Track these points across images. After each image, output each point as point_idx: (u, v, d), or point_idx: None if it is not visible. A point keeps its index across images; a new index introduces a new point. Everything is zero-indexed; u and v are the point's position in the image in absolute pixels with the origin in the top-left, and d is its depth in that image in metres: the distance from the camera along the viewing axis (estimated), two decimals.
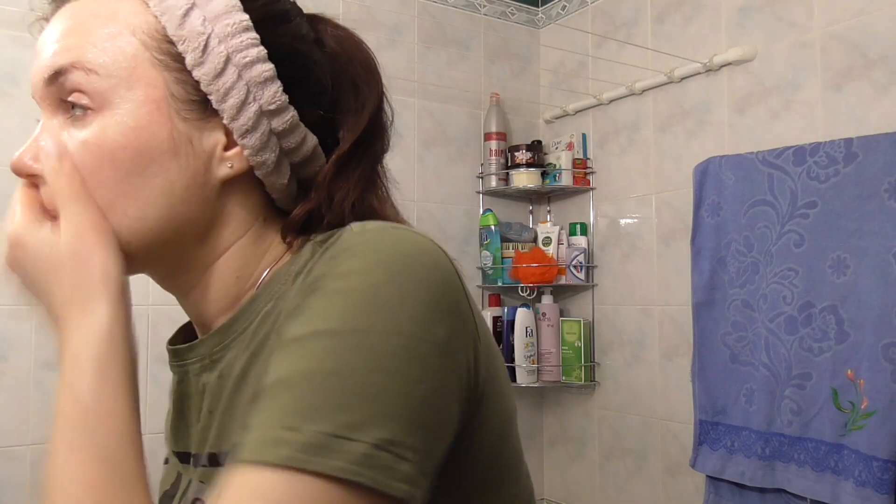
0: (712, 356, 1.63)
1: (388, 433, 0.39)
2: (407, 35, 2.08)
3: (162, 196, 0.50)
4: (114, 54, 0.48)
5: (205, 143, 0.51)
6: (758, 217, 1.55)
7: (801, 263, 1.46)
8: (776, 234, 1.52)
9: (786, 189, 1.50)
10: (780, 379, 1.49)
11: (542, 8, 2.33)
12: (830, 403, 1.40)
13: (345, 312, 0.41)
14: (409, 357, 0.41)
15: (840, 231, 1.41)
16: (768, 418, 1.50)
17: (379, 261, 0.43)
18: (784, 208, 1.50)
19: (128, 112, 0.48)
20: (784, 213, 1.50)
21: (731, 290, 1.60)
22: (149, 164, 0.49)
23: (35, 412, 1.55)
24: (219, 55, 0.49)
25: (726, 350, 1.60)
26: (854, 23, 1.50)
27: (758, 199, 1.56)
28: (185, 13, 0.49)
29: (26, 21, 0.58)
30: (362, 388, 0.39)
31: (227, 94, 0.50)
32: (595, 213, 2.12)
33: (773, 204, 1.53)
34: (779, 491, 1.49)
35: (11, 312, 1.54)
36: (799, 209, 1.48)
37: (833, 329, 1.40)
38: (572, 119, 2.20)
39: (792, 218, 1.49)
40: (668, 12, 1.91)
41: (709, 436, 1.63)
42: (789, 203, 1.50)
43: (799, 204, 1.48)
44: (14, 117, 1.56)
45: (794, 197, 1.49)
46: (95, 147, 0.48)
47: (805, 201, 1.47)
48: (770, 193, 1.53)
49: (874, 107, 1.46)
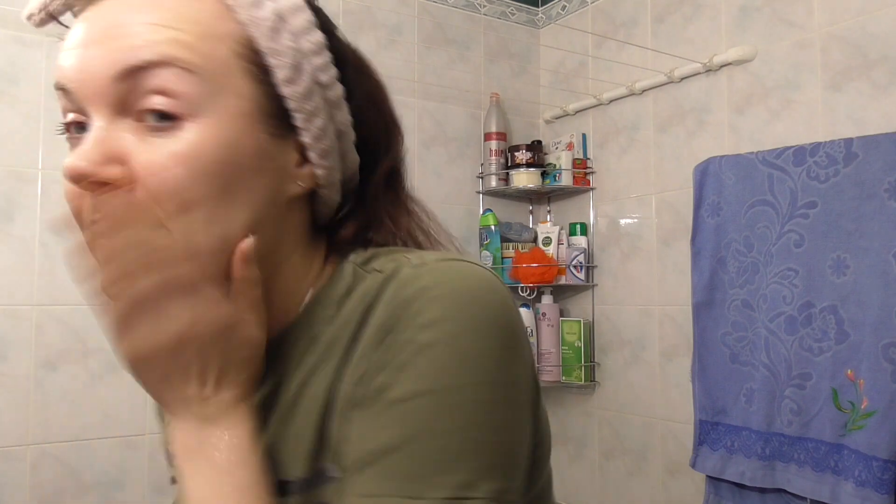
0: (712, 356, 1.63)
1: (497, 483, 0.42)
2: (407, 35, 2.08)
3: (244, 214, 0.46)
4: (209, 57, 0.44)
5: (280, 161, 0.48)
6: (758, 217, 1.55)
7: (801, 263, 1.46)
8: (776, 234, 1.52)
9: (786, 189, 1.50)
10: (780, 379, 1.48)
11: (542, 8, 2.33)
12: (830, 403, 1.40)
13: (437, 370, 0.43)
14: (499, 403, 0.44)
15: (839, 231, 1.41)
16: (768, 418, 1.50)
17: (456, 307, 0.44)
18: (784, 208, 1.50)
19: (223, 123, 0.44)
20: (784, 213, 1.50)
21: (731, 290, 1.60)
22: (238, 181, 0.45)
23: (35, 412, 1.55)
24: (308, 74, 0.48)
25: (726, 350, 1.60)
26: (854, 23, 1.50)
27: (758, 199, 1.56)
28: (275, 26, 0.46)
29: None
30: (467, 445, 0.42)
31: (313, 115, 0.48)
32: (595, 213, 2.12)
33: (773, 204, 1.53)
34: (779, 491, 1.49)
35: (11, 312, 1.54)
36: (799, 209, 1.48)
37: (833, 329, 1.40)
38: (572, 119, 2.20)
39: (792, 218, 1.49)
40: (668, 12, 1.91)
41: (709, 436, 1.63)
42: (789, 203, 1.50)
43: (799, 204, 1.48)
44: (14, 117, 1.56)
45: (794, 197, 1.49)
46: (194, 161, 0.43)
47: (805, 201, 1.47)
48: (770, 193, 1.53)
49: (874, 107, 1.46)
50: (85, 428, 1.59)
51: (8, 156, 1.55)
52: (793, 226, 1.49)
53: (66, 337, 1.59)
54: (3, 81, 1.55)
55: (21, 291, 1.55)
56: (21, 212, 1.56)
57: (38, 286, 1.56)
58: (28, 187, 1.57)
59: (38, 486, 1.54)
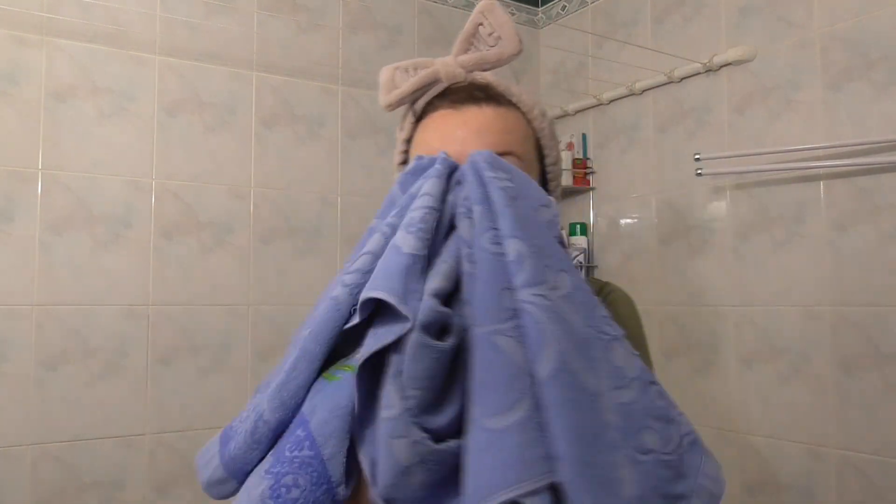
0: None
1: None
2: (407, 35, 2.08)
3: None
4: (526, 150, 0.72)
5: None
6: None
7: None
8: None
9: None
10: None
11: (542, 8, 2.33)
12: None
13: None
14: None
15: None
16: None
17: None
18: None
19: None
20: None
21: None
22: None
23: (35, 412, 1.55)
24: (554, 158, 0.77)
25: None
26: (854, 23, 1.50)
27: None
28: (548, 133, 0.75)
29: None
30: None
31: (554, 180, 0.77)
32: (595, 213, 2.12)
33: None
34: None
35: (11, 312, 1.54)
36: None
37: None
38: (572, 119, 2.20)
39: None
40: (668, 12, 1.91)
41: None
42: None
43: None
44: (14, 117, 1.56)
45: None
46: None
47: None
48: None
49: (874, 107, 1.46)
50: (85, 428, 1.59)
51: (8, 156, 1.55)
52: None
53: (66, 337, 1.59)
54: (3, 81, 1.55)
55: (21, 291, 1.55)
56: (21, 212, 1.56)
57: (38, 286, 1.56)
58: (28, 187, 1.57)
59: (38, 486, 1.54)
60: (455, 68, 0.71)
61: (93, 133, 1.64)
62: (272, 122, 1.88)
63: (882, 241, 1.44)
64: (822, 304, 1.54)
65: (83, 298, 1.61)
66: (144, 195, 1.70)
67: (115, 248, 1.65)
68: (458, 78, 0.71)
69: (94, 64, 1.66)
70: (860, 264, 1.48)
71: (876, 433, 1.44)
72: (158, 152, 1.72)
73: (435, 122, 0.71)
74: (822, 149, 1.52)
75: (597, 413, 0.51)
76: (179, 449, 1.68)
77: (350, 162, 1.98)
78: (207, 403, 1.72)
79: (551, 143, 0.76)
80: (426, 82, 0.71)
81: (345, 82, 1.97)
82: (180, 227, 1.73)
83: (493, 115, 0.70)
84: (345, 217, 1.96)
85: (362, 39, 2.00)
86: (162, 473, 1.67)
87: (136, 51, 1.71)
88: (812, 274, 1.56)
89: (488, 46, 0.70)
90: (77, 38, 1.63)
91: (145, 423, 1.65)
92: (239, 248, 1.80)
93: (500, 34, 0.69)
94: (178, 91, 1.75)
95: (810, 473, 1.55)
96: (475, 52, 0.71)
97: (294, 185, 1.89)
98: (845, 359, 1.49)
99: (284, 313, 1.85)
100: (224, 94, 1.81)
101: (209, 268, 1.75)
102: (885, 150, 1.43)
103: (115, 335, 1.63)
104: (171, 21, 1.74)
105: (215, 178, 1.78)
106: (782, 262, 1.62)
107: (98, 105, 1.65)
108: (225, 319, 1.76)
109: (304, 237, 1.90)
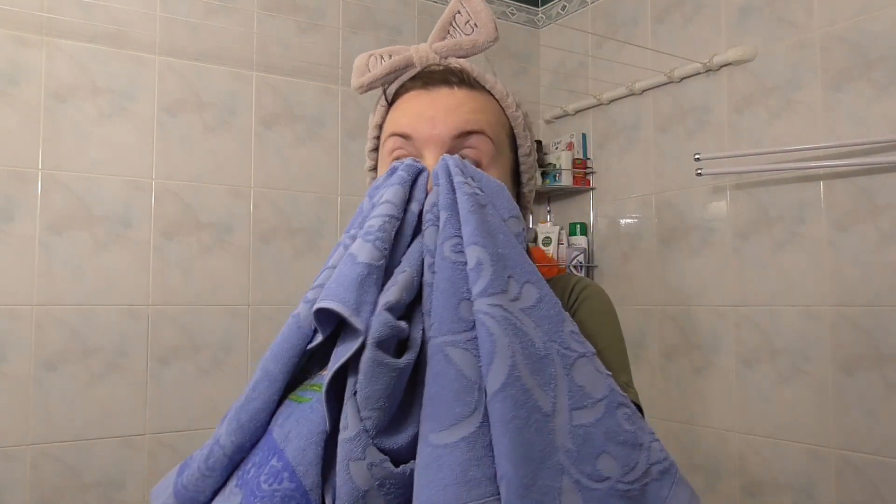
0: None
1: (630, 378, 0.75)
2: (407, 35, 2.07)
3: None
4: (498, 134, 0.71)
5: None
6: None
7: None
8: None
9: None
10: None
11: (542, 8, 2.33)
12: None
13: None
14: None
15: None
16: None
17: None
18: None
19: (499, 173, 0.69)
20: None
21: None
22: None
23: (35, 412, 1.55)
24: (529, 149, 0.75)
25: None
26: (854, 23, 1.50)
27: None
28: (522, 123, 0.74)
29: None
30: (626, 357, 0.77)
31: (530, 179, 0.76)
32: (595, 213, 2.12)
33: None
34: None
35: (11, 312, 1.54)
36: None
37: None
38: (572, 119, 2.20)
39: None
40: (668, 12, 1.91)
41: None
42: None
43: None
44: (14, 117, 1.56)
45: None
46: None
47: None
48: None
49: (874, 107, 1.46)
50: (85, 428, 1.59)
51: (8, 156, 1.55)
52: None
53: (66, 337, 1.59)
54: (3, 81, 1.55)
55: (21, 291, 1.55)
56: (21, 212, 1.56)
57: (38, 286, 1.56)
58: (28, 187, 1.57)
59: (38, 486, 1.54)
60: (430, 53, 0.70)
61: (93, 133, 1.64)
62: (272, 123, 1.88)
63: (882, 241, 1.45)
64: (821, 305, 1.54)
65: (83, 298, 1.61)
66: (144, 195, 1.70)
67: (115, 248, 1.65)
68: (432, 61, 0.71)
69: (94, 64, 1.66)
70: (860, 264, 1.48)
71: (876, 433, 1.44)
72: (158, 152, 1.72)
73: (406, 102, 0.70)
74: (822, 149, 1.52)
75: (545, 434, 0.48)
76: (179, 449, 1.68)
77: (350, 162, 1.98)
78: (207, 403, 1.72)
79: (525, 133, 0.75)
80: (399, 66, 0.71)
81: (345, 82, 1.97)
82: (180, 227, 1.73)
83: (466, 97, 0.69)
84: (344, 217, 1.96)
85: (362, 39, 2.00)
86: (162, 473, 1.66)
87: (136, 51, 1.71)
88: (812, 274, 1.56)
89: (465, 34, 0.70)
90: (77, 38, 1.63)
91: (145, 423, 1.65)
92: (239, 248, 1.80)
93: (477, 21, 0.69)
94: (178, 91, 1.75)
95: (810, 473, 1.55)
96: (451, 39, 0.70)
97: (294, 185, 1.89)
98: (845, 359, 1.50)
99: (284, 313, 1.84)
100: (224, 94, 1.81)
101: (209, 268, 1.75)
102: (885, 150, 1.43)
103: (115, 335, 1.63)
104: (171, 21, 1.74)
105: (215, 178, 1.79)
106: (782, 262, 1.62)
107: (98, 105, 1.65)
108: (225, 319, 1.76)
109: (304, 237, 1.90)
